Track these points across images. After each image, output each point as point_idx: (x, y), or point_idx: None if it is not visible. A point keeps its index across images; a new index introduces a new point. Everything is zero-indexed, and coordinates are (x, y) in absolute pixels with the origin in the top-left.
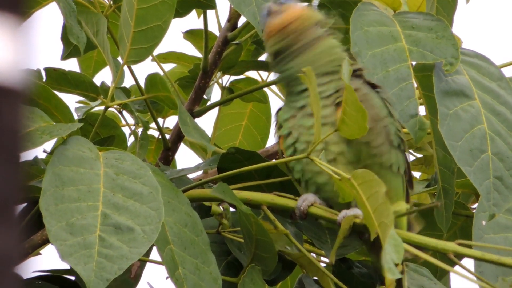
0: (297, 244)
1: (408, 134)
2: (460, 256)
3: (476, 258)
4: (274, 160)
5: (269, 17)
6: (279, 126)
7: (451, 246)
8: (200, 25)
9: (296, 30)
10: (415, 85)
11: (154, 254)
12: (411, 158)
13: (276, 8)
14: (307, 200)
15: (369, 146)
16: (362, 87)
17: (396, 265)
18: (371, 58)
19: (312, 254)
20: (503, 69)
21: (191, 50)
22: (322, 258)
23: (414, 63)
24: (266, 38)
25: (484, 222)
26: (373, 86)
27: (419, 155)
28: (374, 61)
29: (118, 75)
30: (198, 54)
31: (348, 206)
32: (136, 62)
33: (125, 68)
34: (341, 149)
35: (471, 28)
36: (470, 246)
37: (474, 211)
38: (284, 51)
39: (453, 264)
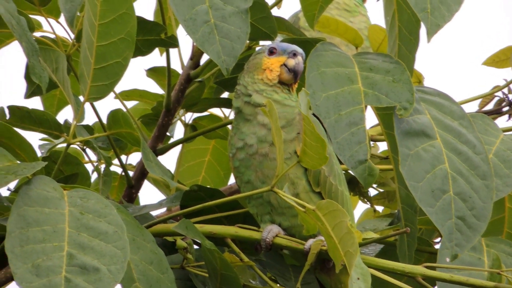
0: (263, 275)
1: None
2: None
3: (445, 281)
4: (236, 195)
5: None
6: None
7: (419, 269)
8: (163, 63)
9: None
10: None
11: None
12: (374, 192)
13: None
14: (272, 232)
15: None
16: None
17: None
18: (325, 101)
19: None
20: (464, 105)
21: (154, 87)
22: None
23: None
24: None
25: (448, 260)
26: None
27: (382, 190)
28: (327, 103)
29: (79, 112)
30: (161, 91)
31: (312, 238)
32: (98, 99)
33: (89, 105)
34: (303, 179)
35: (434, 63)
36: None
37: (437, 246)
38: None
39: None
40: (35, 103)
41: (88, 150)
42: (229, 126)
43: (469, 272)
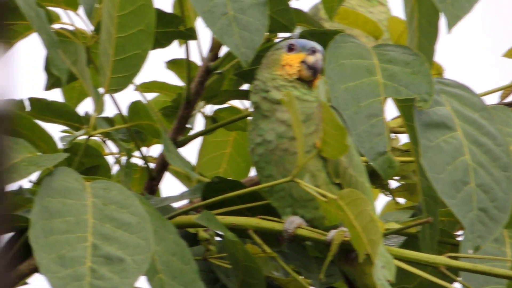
0: (286, 267)
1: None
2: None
3: (468, 270)
4: (257, 186)
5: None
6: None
7: (442, 259)
8: (183, 55)
9: None
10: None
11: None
12: (395, 184)
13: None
14: (294, 223)
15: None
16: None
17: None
18: (344, 93)
19: None
20: (485, 97)
21: (174, 79)
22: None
23: None
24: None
25: (470, 251)
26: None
27: (403, 182)
28: (346, 95)
29: (99, 104)
30: (181, 83)
31: (334, 228)
32: (117, 90)
33: (109, 97)
34: (323, 171)
35: (454, 55)
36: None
37: (459, 238)
38: None
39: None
40: (56, 96)
41: (108, 142)
42: (250, 118)
43: (491, 262)
